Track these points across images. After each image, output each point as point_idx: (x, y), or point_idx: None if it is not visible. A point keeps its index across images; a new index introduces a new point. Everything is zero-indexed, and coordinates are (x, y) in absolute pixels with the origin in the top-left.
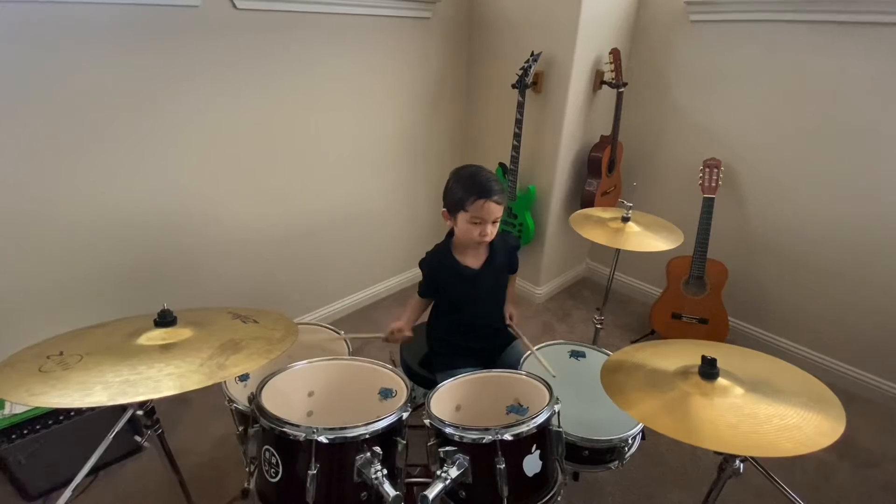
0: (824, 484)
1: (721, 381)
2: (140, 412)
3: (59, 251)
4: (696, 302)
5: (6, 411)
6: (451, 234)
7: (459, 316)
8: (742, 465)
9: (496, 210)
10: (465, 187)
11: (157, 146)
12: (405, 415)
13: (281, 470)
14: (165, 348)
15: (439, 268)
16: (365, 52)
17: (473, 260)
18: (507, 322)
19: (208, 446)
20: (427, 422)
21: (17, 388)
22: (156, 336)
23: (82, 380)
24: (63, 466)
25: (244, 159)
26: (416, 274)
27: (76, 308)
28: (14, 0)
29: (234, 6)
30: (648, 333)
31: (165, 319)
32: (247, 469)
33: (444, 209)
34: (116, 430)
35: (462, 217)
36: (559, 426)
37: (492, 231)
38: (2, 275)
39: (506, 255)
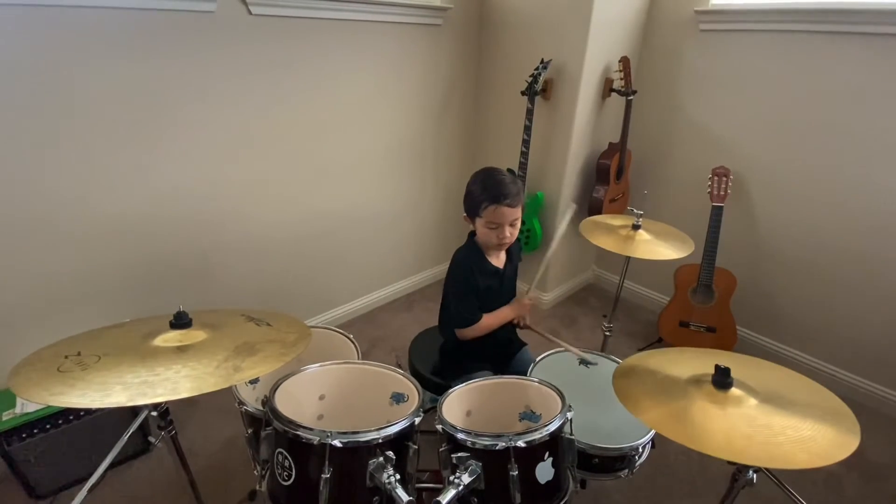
0: (833, 496)
1: (734, 390)
2: (154, 413)
3: (74, 252)
4: (704, 310)
5: (17, 410)
6: (472, 233)
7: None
8: (755, 475)
9: (509, 213)
10: (478, 192)
11: (170, 149)
12: (417, 420)
13: (294, 473)
14: (181, 350)
15: (472, 267)
16: (376, 57)
17: (496, 259)
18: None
19: (216, 448)
20: (439, 427)
21: (37, 387)
22: (171, 338)
23: (101, 380)
24: (72, 466)
25: (257, 162)
26: (424, 277)
27: (91, 308)
28: (31, 4)
29: (249, 12)
30: (656, 341)
31: (181, 321)
32: (255, 471)
33: (465, 214)
34: (131, 431)
35: (479, 222)
36: (571, 434)
37: (510, 233)
38: (19, 274)
39: (518, 253)
